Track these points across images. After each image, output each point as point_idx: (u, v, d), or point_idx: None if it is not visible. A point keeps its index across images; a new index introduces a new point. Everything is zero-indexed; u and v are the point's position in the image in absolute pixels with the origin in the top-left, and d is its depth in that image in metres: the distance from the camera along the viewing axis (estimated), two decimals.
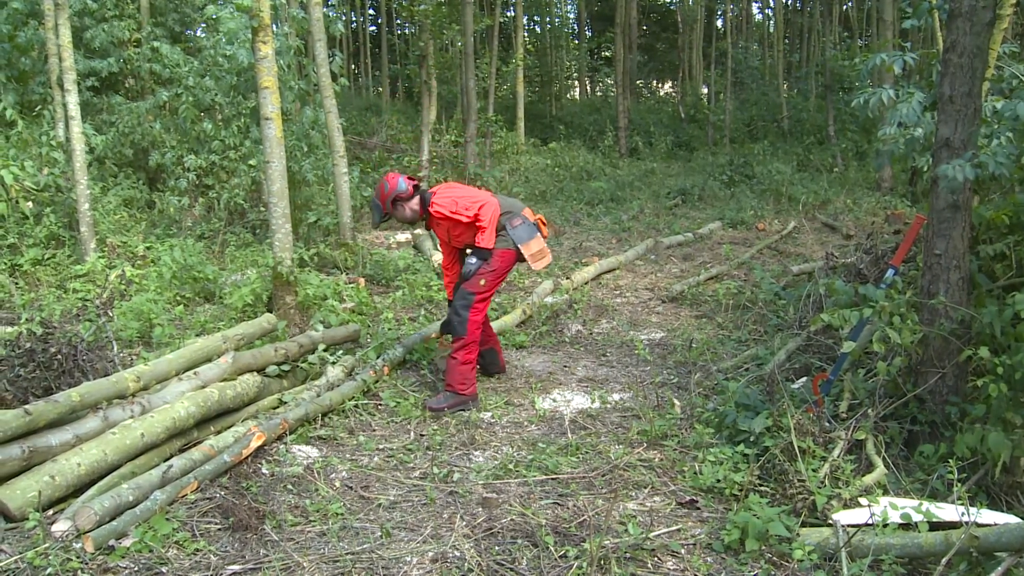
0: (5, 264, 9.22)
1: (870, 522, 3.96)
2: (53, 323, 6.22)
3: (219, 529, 4.31)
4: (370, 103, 29.38)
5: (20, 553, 3.91)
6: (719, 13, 35.00)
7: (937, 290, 4.75)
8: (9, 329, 6.91)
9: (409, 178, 6.31)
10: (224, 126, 11.83)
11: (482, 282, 6.10)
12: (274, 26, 9.58)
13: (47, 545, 3.91)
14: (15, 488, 4.23)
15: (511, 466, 5.07)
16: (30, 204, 9.89)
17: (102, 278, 8.95)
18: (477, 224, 6.06)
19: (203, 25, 14.70)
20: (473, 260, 6.12)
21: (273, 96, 7.61)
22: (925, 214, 5.02)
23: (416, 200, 6.28)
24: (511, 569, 3.90)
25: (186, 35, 15.92)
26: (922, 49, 6.71)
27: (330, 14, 14.87)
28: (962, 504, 3.92)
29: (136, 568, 3.93)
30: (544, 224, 6.44)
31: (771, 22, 34.46)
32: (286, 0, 12.04)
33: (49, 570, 3.77)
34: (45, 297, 8.45)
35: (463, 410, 6.07)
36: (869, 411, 4.79)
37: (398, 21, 33.43)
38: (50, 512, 4.29)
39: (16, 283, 8.92)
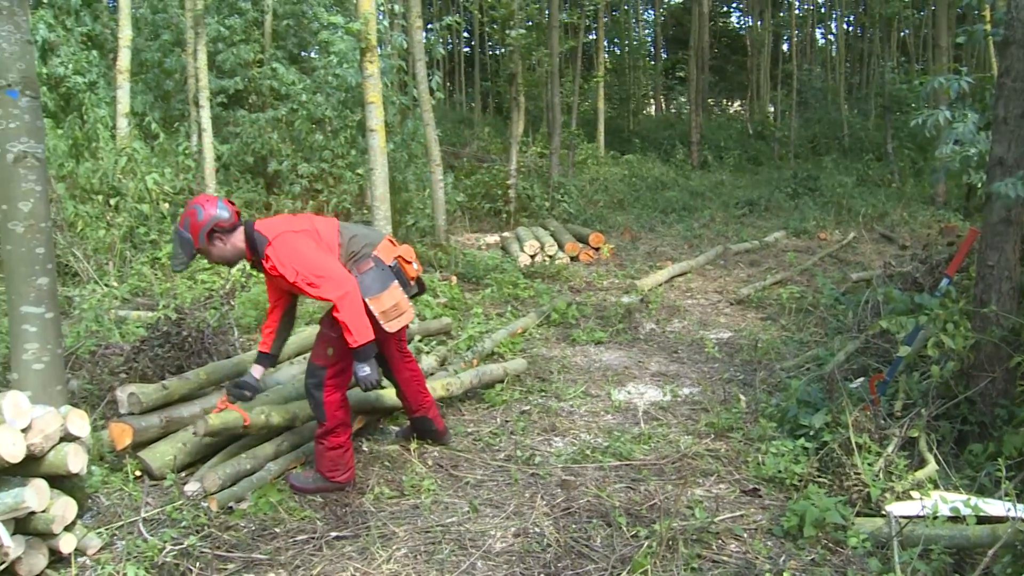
0: (147, 257, 9.51)
1: (921, 514, 3.89)
2: (185, 310, 6.39)
3: (323, 499, 4.41)
4: (463, 117, 29.57)
5: (161, 506, 4.18)
6: (785, 38, 34.38)
7: (989, 299, 4.64)
8: (150, 314, 7.15)
9: (228, 201, 4.34)
10: (333, 137, 12.05)
11: (329, 351, 4.35)
12: (379, 48, 9.71)
13: (181, 502, 4.12)
14: (155, 451, 4.44)
15: (588, 452, 5.08)
16: (167, 205, 10.20)
17: (225, 271, 9.18)
18: (335, 302, 4.15)
19: (317, 47, 14.97)
20: (362, 372, 4.26)
21: (378, 110, 7.72)
22: (979, 228, 4.90)
23: (240, 234, 4.31)
24: (586, 545, 3.91)
25: (302, 56, 16.23)
26: (976, 73, 6.54)
27: (431, 37, 15.04)
28: (1009, 500, 3.83)
29: (253, 527, 4.07)
30: (409, 261, 4.56)
31: (833, 47, 33.75)
32: (390, 24, 12.18)
33: (183, 523, 3.99)
34: (178, 287, 8.69)
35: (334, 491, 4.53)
36: (922, 411, 4.69)
37: (490, 43, 33.54)
38: (183, 474, 4.47)
39: (155, 274, 9.20)
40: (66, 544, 3.57)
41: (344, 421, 4.47)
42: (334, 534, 4.03)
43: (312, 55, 16.08)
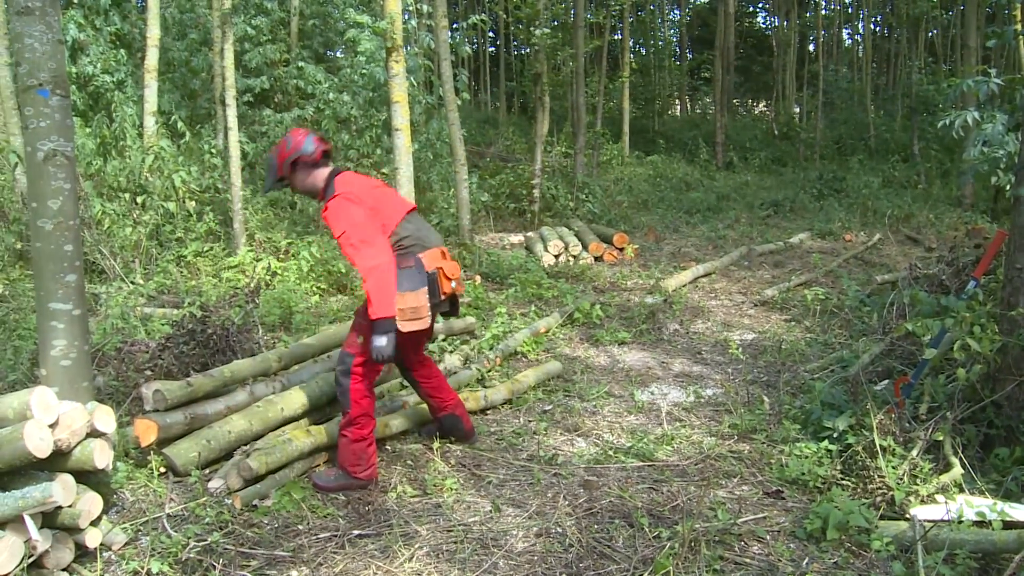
0: (173, 255, 9.60)
1: (946, 518, 3.86)
2: (210, 307, 6.43)
3: (345, 497, 4.42)
4: (488, 116, 29.60)
5: (185, 502, 4.20)
6: (811, 38, 34.15)
7: (1017, 302, 4.58)
8: (175, 312, 7.21)
9: (321, 140, 4.61)
10: (359, 136, 12.11)
11: (360, 339, 4.43)
12: (405, 47, 9.73)
13: (205, 499, 4.14)
14: (180, 448, 4.46)
15: (611, 452, 5.07)
16: (193, 203, 10.28)
17: (251, 269, 9.23)
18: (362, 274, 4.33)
19: (343, 47, 15.05)
20: (378, 342, 4.31)
21: (403, 110, 7.75)
22: (1007, 230, 4.84)
23: (322, 171, 4.60)
24: (608, 546, 3.90)
25: (328, 56, 16.31)
26: (1005, 75, 6.47)
27: (457, 37, 15.07)
28: None
29: (276, 525, 4.09)
30: (449, 278, 4.58)
31: (860, 47, 33.50)
32: (416, 24, 12.22)
33: (207, 519, 4.00)
34: (204, 284, 8.76)
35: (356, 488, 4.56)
36: (948, 414, 4.64)
37: (515, 43, 33.57)
38: (206, 471, 4.49)
39: (181, 271, 9.28)
40: (92, 539, 3.61)
41: (368, 412, 4.49)
42: (356, 532, 4.04)
43: (338, 55, 16.17)
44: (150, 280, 8.85)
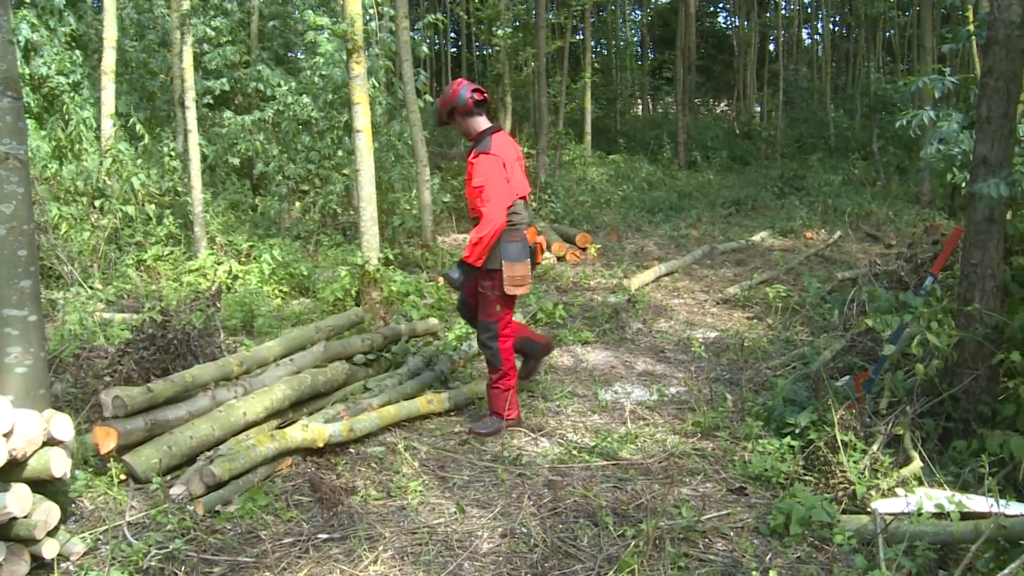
0: (133, 259, 9.48)
1: (906, 511, 3.92)
2: (170, 312, 6.37)
3: (310, 501, 4.40)
4: None
5: (146, 510, 4.15)
6: (771, 38, 34.46)
7: (973, 297, 4.66)
8: (135, 317, 7.12)
9: (477, 90, 5.26)
10: (320, 138, 12.04)
11: (497, 308, 5.29)
12: (366, 48, 9.69)
13: (167, 505, 4.09)
14: (140, 455, 4.40)
15: (575, 452, 5.08)
16: (153, 207, 10.17)
17: (212, 272, 9.15)
18: (477, 221, 5.20)
19: (303, 48, 14.96)
20: (454, 272, 5.26)
21: (364, 111, 7.72)
22: (963, 227, 4.92)
23: (477, 120, 5.31)
24: (573, 545, 3.91)
25: (289, 57, 16.20)
26: (960, 74, 6.58)
27: (416, 37, 15.02)
28: (991, 496, 3.85)
29: (239, 531, 4.05)
30: (542, 251, 5.52)
31: (819, 47, 33.86)
32: (377, 25, 12.17)
33: (169, 526, 3.95)
34: (164, 288, 8.67)
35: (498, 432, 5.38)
36: (907, 408, 4.70)
37: (477, 44, 33.53)
38: (168, 477, 4.44)
39: (141, 276, 9.17)
40: (48, 550, 3.55)
41: (514, 366, 5.45)
42: (321, 536, 4.02)
43: (299, 56, 16.07)
44: (109, 285, 8.74)
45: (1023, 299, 4.92)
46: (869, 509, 4.01)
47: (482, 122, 5.33)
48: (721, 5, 42.55)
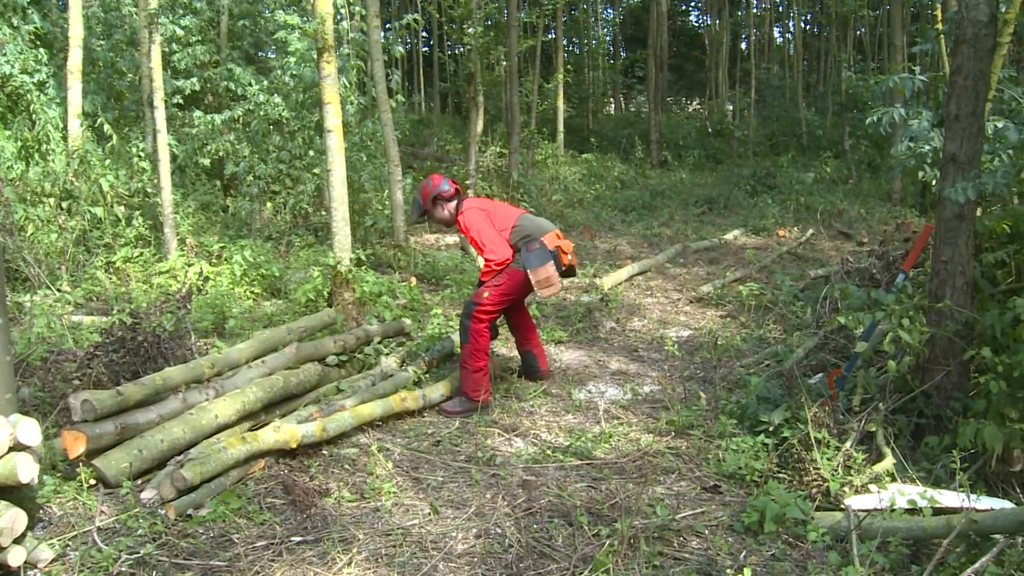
0: (101, 261, 9.37)
1: (879, 507, 3.96)
2: (140, 314, 6.30)
3: (283, 503, 4.37)
4: (422, 117, 29.43)
5: (117, 515, 4.09)
6: (743, 37, 34.68)
7: (943, 294, 4.72)
8: (104, 319, 7.05)
9: (452, 182, 6.19)
10: (291, 138, 11.97)
11: (486, 294, 5.83)
12: (337, 48, 9.65)
13: (137, 510, 4.05)
14: (110, 459, 4.35)
15: (549, 451, 5.09)
16: (122, 208, 10.06)
17: (182, 274, 9.07)
18: (484, 261, 5.94)
19: (273, 48, 14.86)
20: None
21: (335, 111, 7.68)
22: (933, 224, 4.98)
23: (453, 205, 6.14)
24: (548, 545, 3.92)
25: (259, 56, 16.08)
26: (929, 72, 6.66)
27: (389, 36, 14.98)
28: (963, 491, 3.91)
29: (211, 534, 4.02)
30: (566, 253, 6.02)
31: (791, 45, 34.07)
32: (348, 24, 12.11)
33: (140, 531, 3.91)
34: (134, 291, 8.57)
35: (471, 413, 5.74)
36: (880, 405, 4.75)
37: (448, 43, 33.46)
38: (139, 481, 4.40)
39: (110, 278, 9.07)
40: (15, 557, 3.49)
41: (484, 349, 5.80)
42: (294, 539, 3.99)
43: (269, 55, 15.96)
44: (77, 287, 8.64)
45: (993, 295, 4.98)
46: (842, 506, 4.05)
47: (454, 204, 6.16)
48: (693, 4, 42.74)
